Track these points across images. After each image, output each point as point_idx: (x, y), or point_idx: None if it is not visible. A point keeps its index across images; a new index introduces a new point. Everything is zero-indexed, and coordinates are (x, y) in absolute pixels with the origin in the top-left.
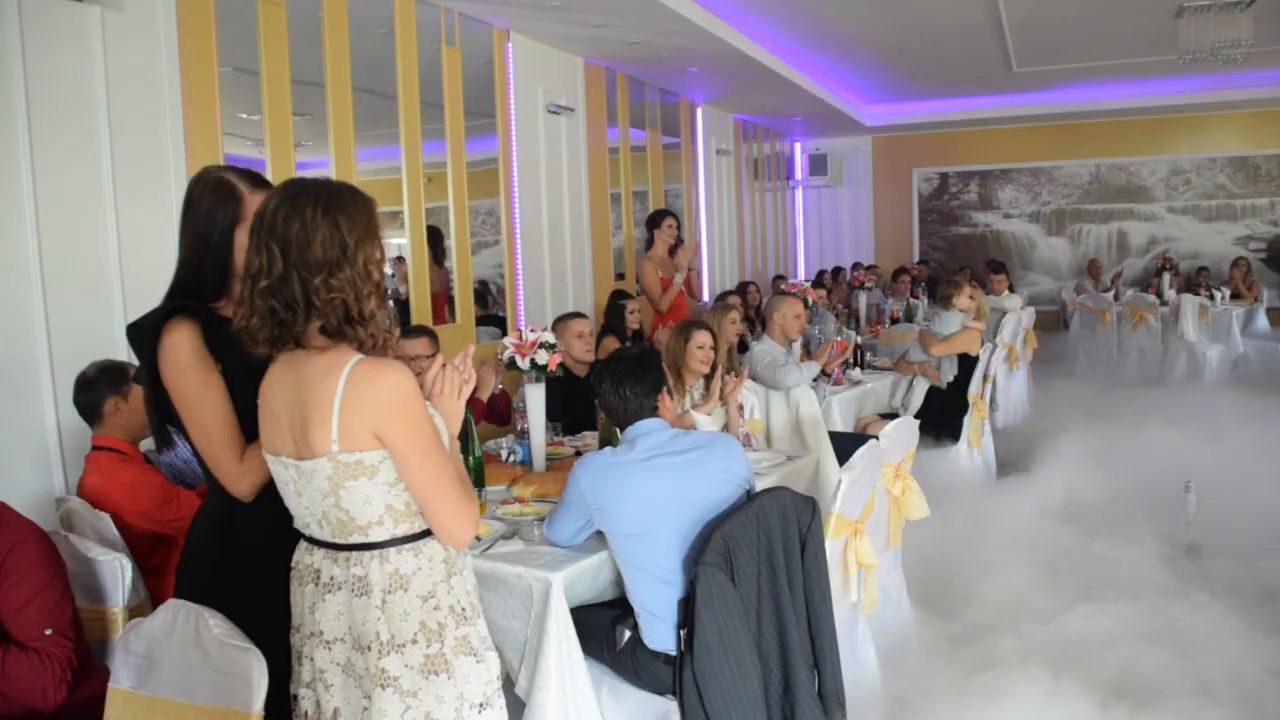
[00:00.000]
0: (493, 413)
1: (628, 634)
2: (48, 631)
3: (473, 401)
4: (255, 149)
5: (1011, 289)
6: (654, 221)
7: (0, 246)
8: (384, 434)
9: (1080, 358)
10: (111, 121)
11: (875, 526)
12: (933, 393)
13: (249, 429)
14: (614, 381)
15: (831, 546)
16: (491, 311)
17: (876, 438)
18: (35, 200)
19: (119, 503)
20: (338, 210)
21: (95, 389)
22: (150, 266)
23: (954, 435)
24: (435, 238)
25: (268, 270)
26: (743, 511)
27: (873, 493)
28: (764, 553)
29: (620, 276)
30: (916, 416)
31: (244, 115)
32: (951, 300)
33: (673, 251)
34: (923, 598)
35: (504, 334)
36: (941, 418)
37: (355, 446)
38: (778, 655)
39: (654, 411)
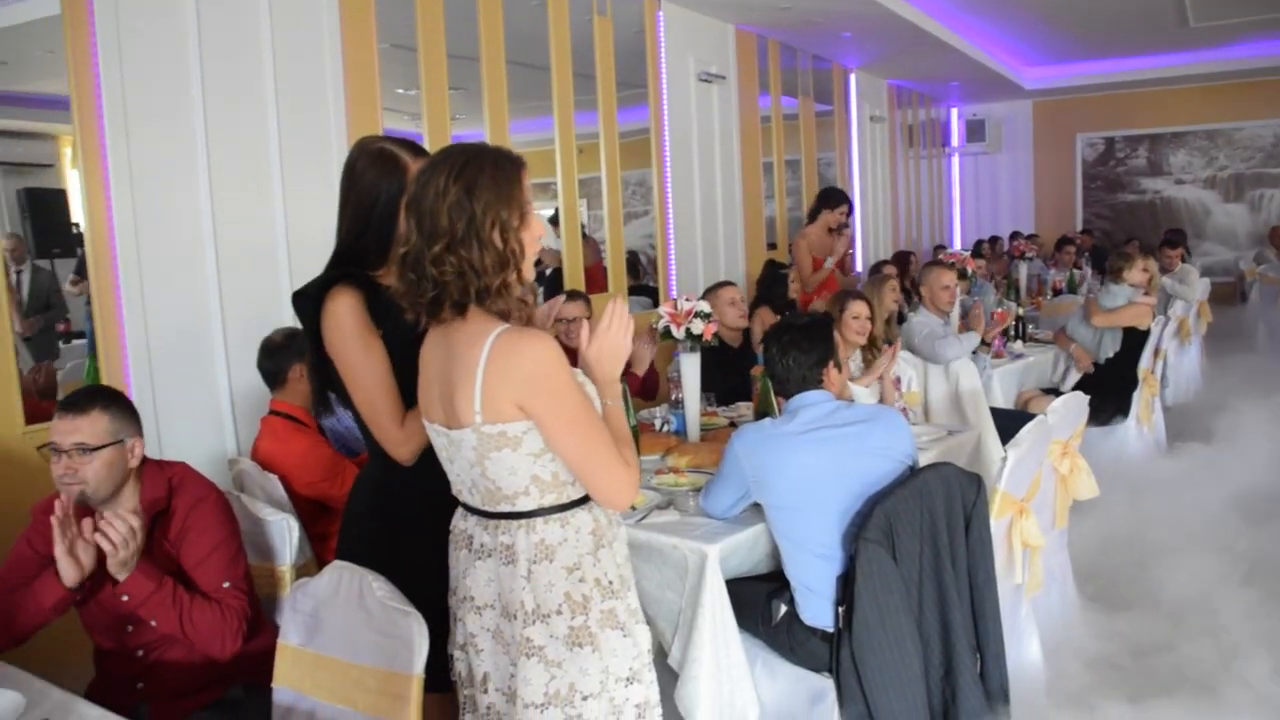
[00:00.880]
0: (643, 387)
1: (783, 608)
2: (225, 584)
3: (627, 375)
4: (412, 123)
5: (1185, 258)
6: (829, 201)
7: (180, 221)
8: (528, 406)
9: (1259, 332)
10: (278, 98)
11: (1041, 506)
12: (1095, 367)
13: (409, 396)
14: (780, 349)
15: (996, 526)
16: (642, 282)
17: (1040, 414)
18: (210, 175)
19: (288, 470)
20: (473, 177)
21: (282, 354)
22: (313, 238)
23: (1123, 412)
24: None
25: (406, 239)
26: (906, 487)
27: (1039, 470)
28: (927, 530)
29: (772, 246)
30: (1087, 394)
31: (400, 90)
32: (1121, 274)
33: (836, 232)
34: (1090, 585)
35: (655, 304)
36: (1108, 394)
37: (498, 418)
38: (939, 636)
39: (819, 383)
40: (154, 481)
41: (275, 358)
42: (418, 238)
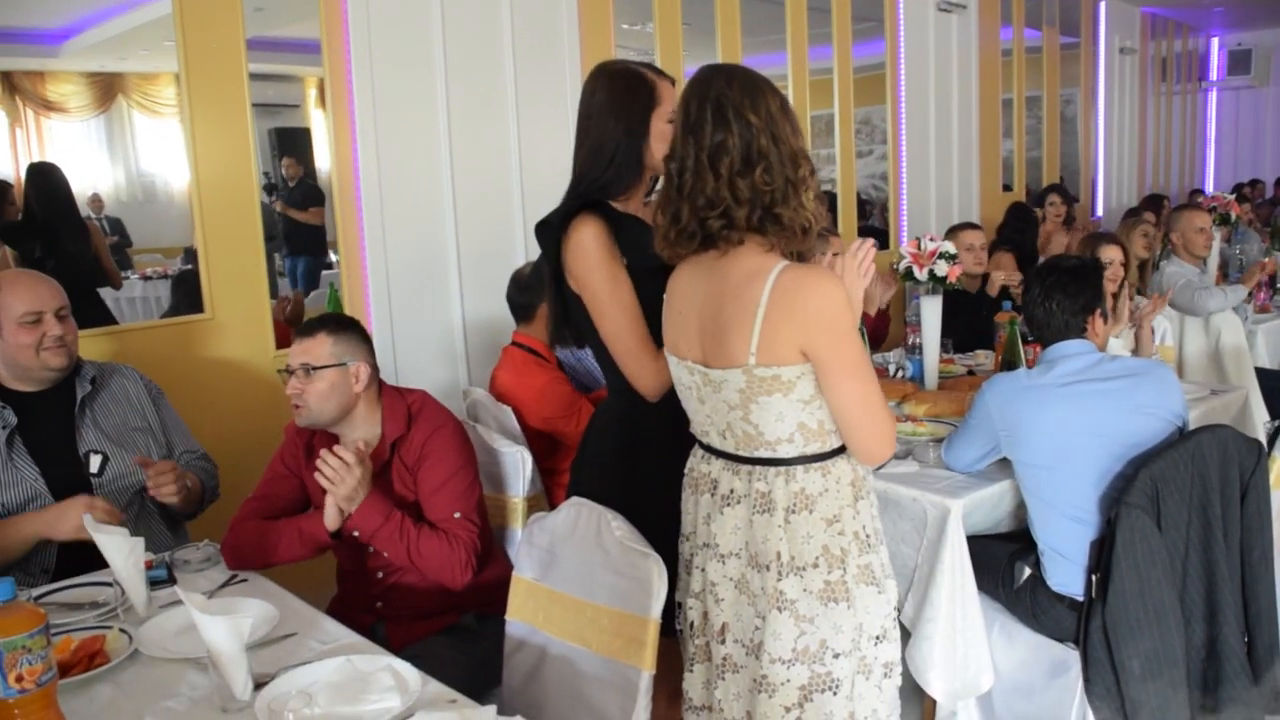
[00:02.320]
0: (874, 330)
1: (1028, 572)
2: (456, 514)
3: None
4: (642, 59)
5: None
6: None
7: (419, 157)
8: (812, 348)
9: None
10: (514, 35)
11: None
12: None
13: (651, 329)
14: (1043, 291)
15: (1274, 497)
16: (868, 222)
17: None
18: (448, 113)
19: (525, 403)
20: (786, 101)
21: (534, 290)
22: (546, 173)
23: None
24: None
25: (752, 151)
26: (1176, 449)
27: None
28: (1197, 498)
29: (1008, 188)
30: None
31: (626, 25)
32: None
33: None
34: None
35: (884, 246)
36: None
37: (775, 360)
38: (1203, 613)
39: (1082, 332)
40: (394, 409)
41: (527, 292)
42: (767, 149)
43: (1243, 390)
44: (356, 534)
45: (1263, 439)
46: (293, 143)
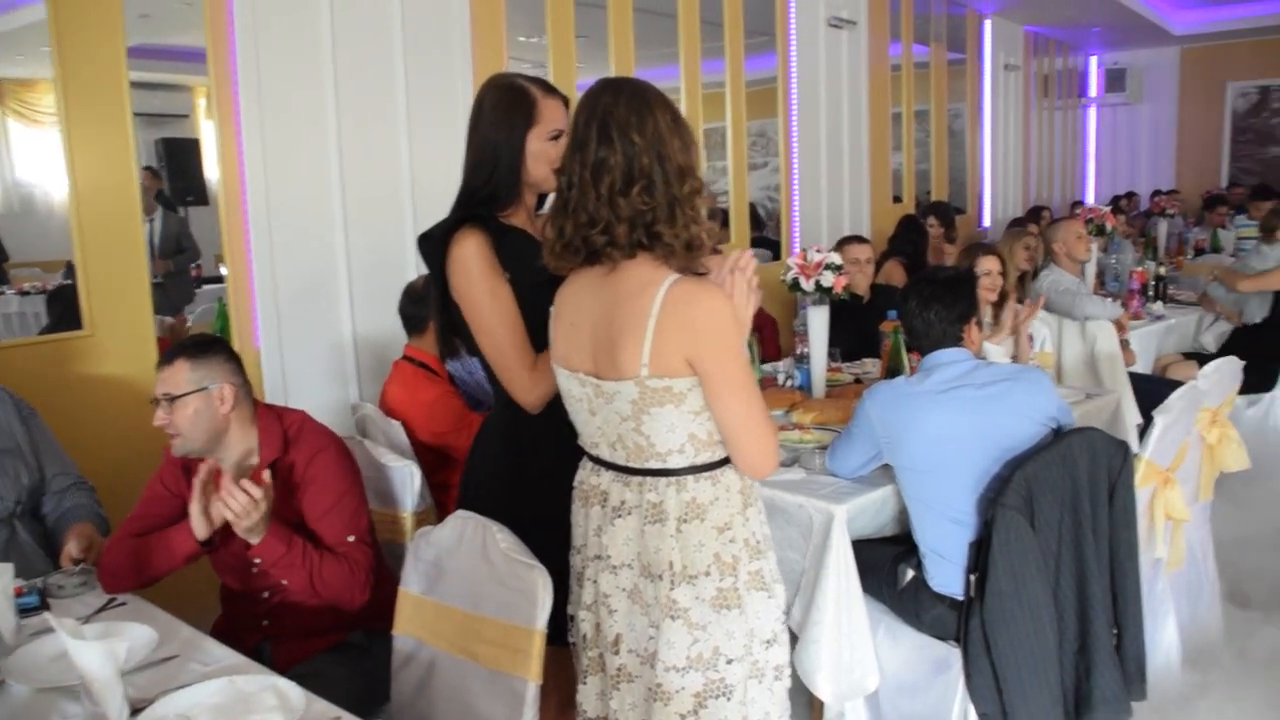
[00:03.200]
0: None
1: (910, 573)
2: (350, 538)
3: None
4: (537, 71)
5: None
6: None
7: (308, 169)
8: (698, 362)
9: None
10: (405, 47)
11: (1185, 477)
12: (1238, 333)
13: (538, 341)
14: (921, 302)
15: (1139, 496)
16: (762, 234)
17: (1191, 380)
18: (338, 124)
19: (415, 418)
20: (680, 117)
21: (426, 301)
22: (438, 185)
23: (1267, 382)
24: None
25: (634, 169)
26: (1049, 451)
27: (1186, 439)
28: (1068, 497)
29: (898, 199)
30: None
31: (522, 38)
32: (1276, 234)
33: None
34: (1227, 565)
35: (775, 256)
36: (1253, 361)
37: (666, 372)
38: (1075, 608)
39: (959, 340)
40: (269, 429)
41: (418, 304)
42: (648, 164)
43: (1115, 394)
44: (258, 562)
45: (1134, 440)
46: (180, 153)
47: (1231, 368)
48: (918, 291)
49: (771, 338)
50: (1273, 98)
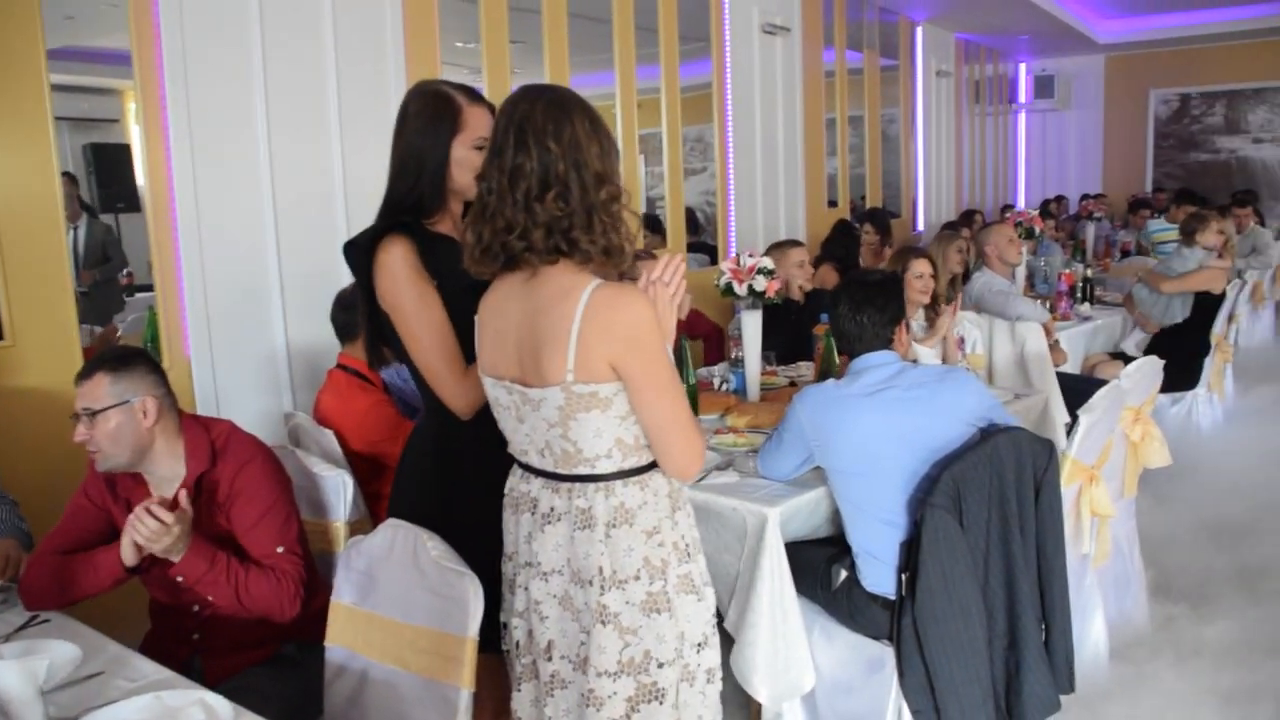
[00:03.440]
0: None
1: (844, 574)
2: (279, 549)
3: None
4: (472, 77)
5: (1263, 223)
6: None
7: (238, 175)
8: (622, 366)
9: None
10: (338, 51)
11: (1110, 474)
12: (1161, 334)
13: (465, 347)
14: (854, 306)
15: (1065, 493)
16: (700, 239)
17: (1114, 379)
18: (269, 129)
19: (349, 427)
20: (600, 123)
21: (356, 308)
22: (371, 192)
23: (1190, 380)
24: None
25: (549, 175)
26: (976, 451)
27: (1110, 437)
28: (995, 496)
29: (833, 204)
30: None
31: (459, 44)
32: (1195, 236)
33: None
34: (1152, 558)
35: (713, 261)
36: (1175, 360)
37: (591, 378)
38: (1004, 606)
39: (888, 344)
40: (196, 442)
41: (350, 311)
42: (563, 171)
43: (1043, 394)
44: (181, 579)
45: (1063, 438)
46: (108, 159)
47: (1152, 367)
48: (849, 295)
49: (717, 344)
50: (1193, 105)
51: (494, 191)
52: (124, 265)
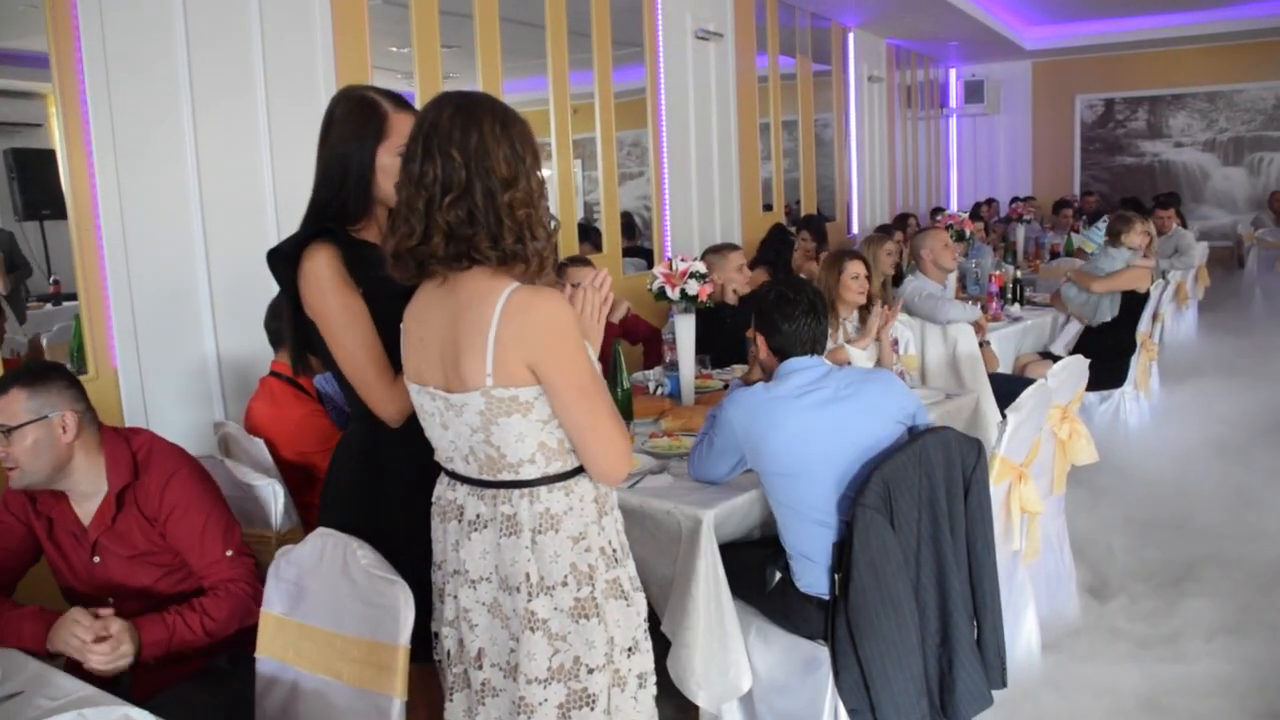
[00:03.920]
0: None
1: (778, 575)
2: (229, 553)
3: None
4: (404, 81)
5: (1184, 224)
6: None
7: (164, 181)
8: (540, 367)
9: (1257, 298)
10: (266, 55)
11: (1039, 471)
12: (1089, 333)
13: (392, 355)
14: (800, 312)
15: (994, 491)
16: (637, 243)
17: (1040, 378)
18: (195, 134)
19: (279, 436)
20: (512, 127)
21: None
22: (302, 198)
23: (1117, 378)
24: None
25: (450, 182)
26: (904, 451)
27: (1038, 435)
28: (925, 495)
29: (768, 208)
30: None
31: (393, 49)
32: (1120, 237)
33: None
34: (1083, 554)
35: (650, 265)
36: (1103, 359)
37: (511, 381)
38: (936, 604)
39: (820, 348)
40: (117, 455)
41: (282, 318)
42: (465, 178)
43: (975, 394)
44: (153, 661)
45: (995, 437)
46: (31, 164)
47: (1078, 366)
48: (794, 303)
49: (658, 348)
50: (1117, 110)
51: (403, 199)
52: (29, 274)
